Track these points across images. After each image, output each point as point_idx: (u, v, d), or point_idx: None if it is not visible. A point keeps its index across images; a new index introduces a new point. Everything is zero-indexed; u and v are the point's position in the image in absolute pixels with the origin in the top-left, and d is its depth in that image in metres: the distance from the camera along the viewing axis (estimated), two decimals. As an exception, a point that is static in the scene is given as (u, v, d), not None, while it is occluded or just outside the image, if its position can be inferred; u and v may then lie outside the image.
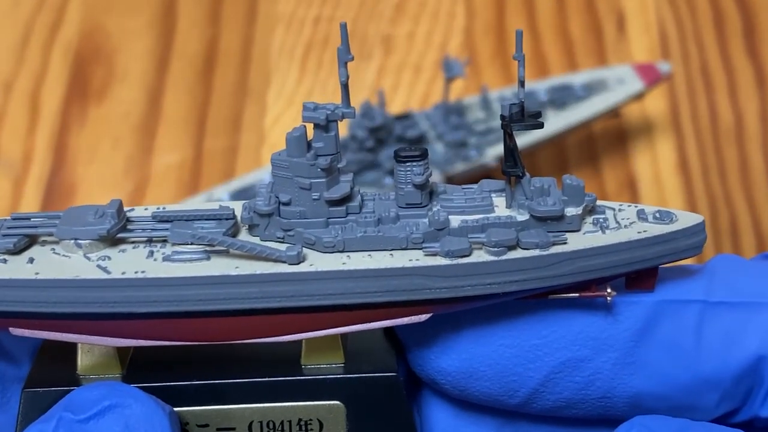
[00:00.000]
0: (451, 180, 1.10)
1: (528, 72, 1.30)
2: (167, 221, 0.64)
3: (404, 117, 1.14)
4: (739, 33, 1.33)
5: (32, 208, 1.19)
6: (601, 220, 0.65)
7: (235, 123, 1.27)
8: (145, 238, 0.65)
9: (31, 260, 0.63)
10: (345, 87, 0.63)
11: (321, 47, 1.33)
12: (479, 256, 0.63)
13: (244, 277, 0.62)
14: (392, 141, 1.10)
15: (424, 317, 0.64)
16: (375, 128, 1.08)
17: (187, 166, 1.23)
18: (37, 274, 0.63)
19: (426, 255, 0.63)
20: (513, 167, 0.64)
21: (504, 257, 0.62)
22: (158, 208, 0.66)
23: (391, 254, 0.63)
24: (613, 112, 1.21)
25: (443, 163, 1.10)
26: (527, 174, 0.65)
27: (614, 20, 1.35)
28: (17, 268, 0.63)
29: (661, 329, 0.68)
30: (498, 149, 1.11)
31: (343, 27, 0.62)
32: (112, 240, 0.64)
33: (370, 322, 0.64)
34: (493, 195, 0.66)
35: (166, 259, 0.63)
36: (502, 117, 0.64)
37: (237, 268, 0.62)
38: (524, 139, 1.14)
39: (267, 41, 1.34)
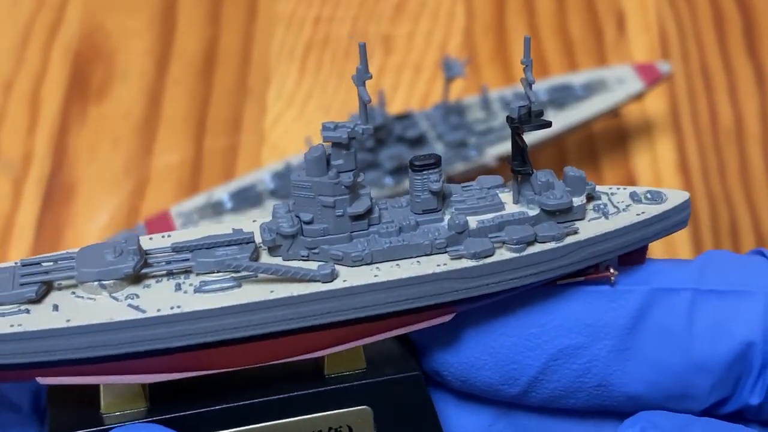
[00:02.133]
0: (451, 180, 1.10)
1: (528, 72, 1.30)
2: (187, 251, 0.64)
3: (404, 117, 1.14)
4: (739, 33, 1.33)
5: (32, 208, 1.19)
6: (601, 206, 0.68)
7: (235, 123, 1.27)
8: (168, 271, 0.64)
9: (56, 307, 0.61)
10: (365, 106, 0.65)
11: (321, 47, 1.33)
12: (502, 254, 0.65)
13: (282, 300, 0.62)
14: (392, 141, 1.10)
15: (448, 317, 0.66)
16: (375, 128, 1.08)
17: (187, 166, 1.23)
18: (68, 321, 0.61)
19: (452, 259, 0.64)
20: (522, 166, 0.68)
21: (525, 253, 0.65)
22: (164, 236, 0.66)
23: (418, 261, 0.64)
24: (613, 112, 1.21)
25: (443, 163, 1.10)
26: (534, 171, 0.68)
27: (614, 20, 1.35)
28: (45, 318, 0.61)
29: (654, 316, 0.70)
30: (498, 149, 1.11)
31: (362, 47, 0.63)
32: (135, 277, 0.63)
33: (399, 328, 0.66)
34: (497, 191, 0.68)
35: (197, 290, 0.62)
36: (511, 119, 0.67)
37: (272, 292, 0.62)
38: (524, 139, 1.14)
39: (267, 41, 1.34)
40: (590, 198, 0.68)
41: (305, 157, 0.64)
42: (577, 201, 0.66)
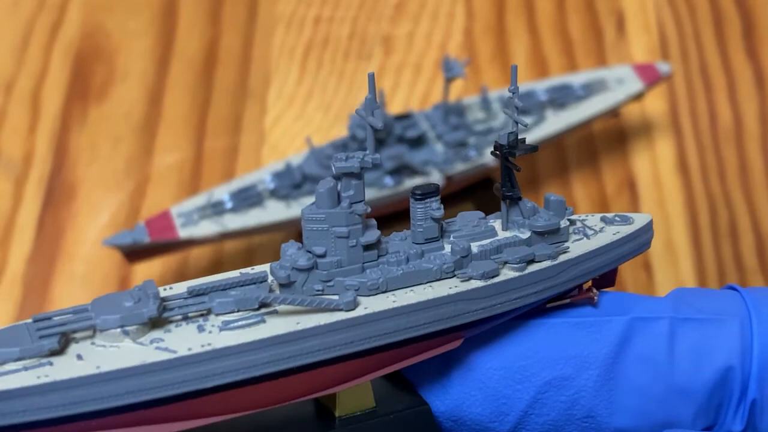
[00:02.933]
0: (451, 180, 1.10)
1: (527, 72, 1.30)
2: (203, 294, 0.64)
3: (404, 117, 1.14)
4: (739, 33, 1.33)
5: (33, 208, 1.19)
6: (579, 229, 0.73)
7: (235, 123, 1.27)
8: (186, 315, 0.63)
9: (80, 357, 0.60)
10: (373, 134, 0.68)
11: (321, 47, 1.33)
12: (506, 274, 0.68)
13: (311, 331, 0.63)
14: (392, 141, 1.10)
15: (458, 343, 0.69)
16: (375, 128, 1.08)
17: (188, 166, 1.24)
18: (98, 367, 0.59)
19: (462, 281, 0.67)
20: (512, 190, 0.72)
21: (526, 272, 0.68)
22: (170, 287, 0.66)
23: (431, 286, 0.67)
24: (613, 112, 1.21)
25: (443, 163, 1.10)
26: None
27: (614, 21, 1.35)
28: (72, 367, 0.59)
29: (635, 345, 0.73)
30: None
31: (371, 77, 0.67)
32: (153, 323, 0.62)
33: (414, 356, 0.68)
34: (485, 221, 0.72)
35: (222, 329, 0.62)
36: (500, 145, 0.71)
37: (298, 323, 0.63)
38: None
39: (267, 41, 1.34)
40: (570, 222, 0.73)
41: (316, 190, 0.66)
42: (563, 223, 0.71)
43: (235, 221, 1.08)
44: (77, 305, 0.62)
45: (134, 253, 1.10)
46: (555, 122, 1.16)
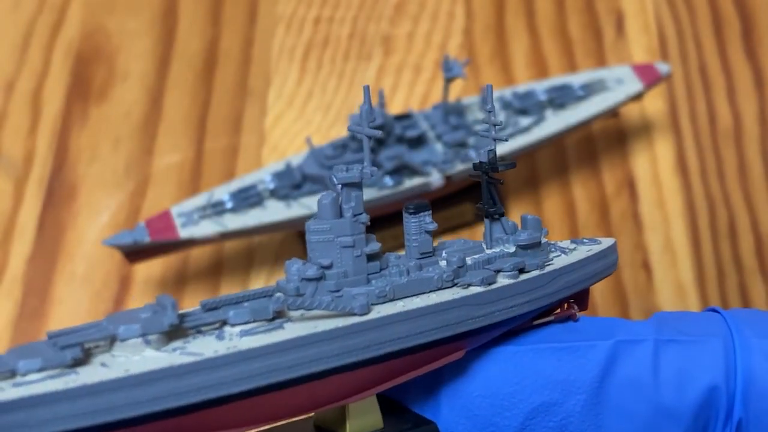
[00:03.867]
0: (450, 180, 1.10)
1: (527, 72, 1.31)
2: (216, 309, 0.64)
3: (404, 117, 1.14)
4: (738, 34, 1.33)
5: (33, 207, 1.19)
6: (556, 247, 0.76)
7: (235, 123, 1.27)
8: (201, 328, 0.63)
9: (105, 365, 0.58)
10: (369, 145, 0.71)
11: (321, 48, 1.34)
12: (501, 281, 0.71)
13: (330, 333, 0.64)
14: (392, 141, 1.10)
15: (461, 354, 0.70)
16: (375, 128, 1.08)
17: (188, 166, 1.24)
18: (127, 371, 0.58)
19: (462, 288, 0.69)
20: (493, 207, 0.74)
21: (519, 279, 0.71)
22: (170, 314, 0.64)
23: (435, 294, 0.69)
24: (612, 113, 1.21)
25: (443, 163, 1.10)
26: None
27: (613, 21, 1.35)
28: (99, 373, 0.57)
29: (620, 367, 0.73)
30: (497, 149, 1.11)
31: (366, 89, 0.70)
32: (171, 334, 0.62)
33: (423, 366, 0.69)
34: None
35: (243, 335, 0.63)
36: (480, 163, 0.74)
37: (316, 327, 0.64)
38: (524, 139, 1.14)
39: (267, 41, 1.35)
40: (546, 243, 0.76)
41: (319, 203, 0.67)
42: (543, 239, 0.73)
43: (235, 221, 1.08)
44: (91, 321, 0.61)
45: (134, 253, 1.10)
46: (555, 122, 1.16)
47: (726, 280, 1.13)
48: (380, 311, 0.66)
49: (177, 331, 0.62)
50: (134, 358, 0.59)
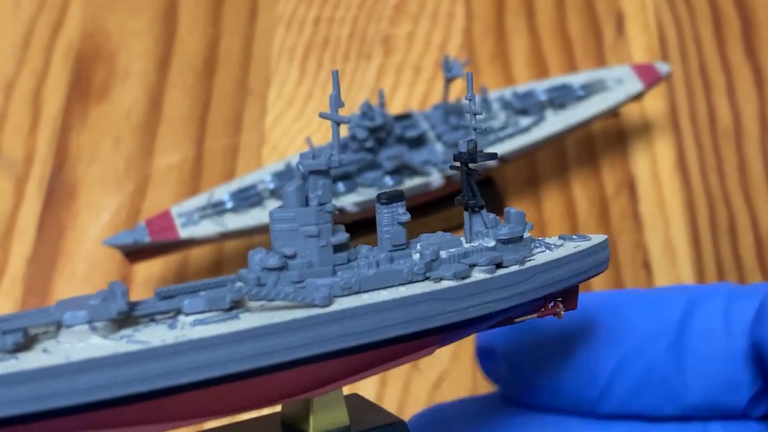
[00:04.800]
0: (450, 180, 1.10)
1: (527, 72, 1.31)
2: (172, 297, 0.62)
3: (404, 117, 1.14)
4: (738, 34, 1.33)
5: (33, 207, 1.19)
6: (541, 242, 0.73)
7: (235, 123, 1.27)
8: (154, 316, 0.61)
9: (47, 351, 0.56)
10: (338, 133, 0.67)
11: (321, 47, 1.33)
12: (476, 276, 0.68)
13: (287, 324, 0.61)
14: (392, 141, 1.10)
15: (431, 350, 0.68)
16: (375, 128, 1.09)
17: (188, 166, 1.24)
18: (68, 357, 0.55)
19: (433, 281, 0.66)
20: (473, 199, 0.71)
21: (496, 274, 0.68)
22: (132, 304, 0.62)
23: (404, 287, 0.66)
24: (612, 112, 1.21)
25: (443, 163, 1.10)
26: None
27: (613, 21, 1.35)
28: (40, 360, 0.55)
29: (696, 318, 0.81)
30: (498, 149, 1.12)
31: (335, 74, 0.65)
32: (121, 322, 0.59)
33: (389, 362, 0.67)
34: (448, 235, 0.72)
35: (196, 324, 0.60)
36: (460, 154, 0.72)
37: (274, 318, 0.61)
38: (524, 139, 1.15)
39: (267, 41, 1.35)
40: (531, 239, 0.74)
41: (283, 190, 0.64)
42: (525, 233, 0.71)
43: (235, 221, 1.08)
44: (41, 307, 0.59)
45: (135, 253, 1.10)
46: (555, 122, 1.16)
47: (725, 278, 1.13)
48: (343, 303, 0.63)
49: (128, 319, 0.60)
50: (79, 344, 0.57)
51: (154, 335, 0.58)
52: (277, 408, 0.68)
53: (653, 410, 0.83)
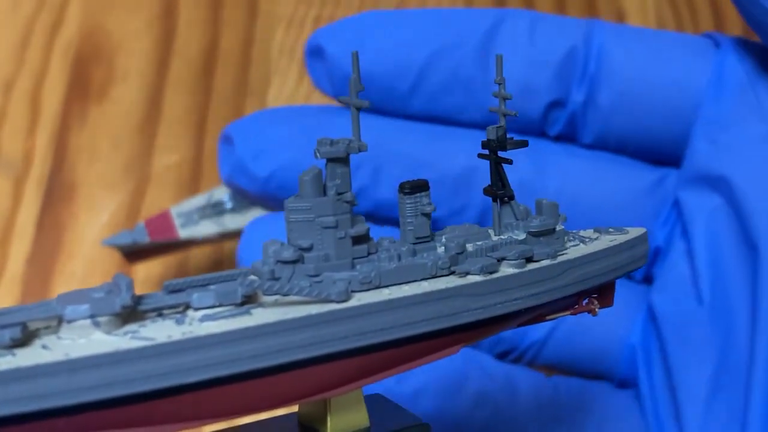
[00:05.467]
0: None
1: (528, 72, 1.30)
2: (181, 291, 0.58)
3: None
4: (738, 33, 1.33)
5: (33, 207, 1.19)
6: (576, 236, 0.69)
7: (235, 123, 1.27)
8: (162, 311, 0.58)
9: (46, 347, 0.53)
10: (358, 119, 0.63)
11: (321, 47, 1.33)
12: (504, 271, 0.63)
13: (300, 321, 0.57)
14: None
15: (456, 350, 0.64)
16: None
17: (187, 166, 1.23)
18: (67, 354, 0.52)
19: (459, 276, 0.62)
20: (502, 189, 0.67)
21: (525, 269, 0.64)
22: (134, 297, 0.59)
23: (427, 282, 0.62)
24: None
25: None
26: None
27: (614, 19, 1.35)
28: (37, 356, 0.52)
29: (504, 32, 0.94)
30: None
31: (355, 56, 0.62)
32: (126, 316, 0.56)
33: (411, 361, 0.63)
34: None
35: (204, 320, 0.56)
36: (489, 141, 0.67)
37: (287, 314, 0.57)
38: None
39: (267, 41, 1.34)
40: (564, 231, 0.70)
41: (300, 179, 0.61)
42: (559, 226, 0.67)
43: (235, 221, 1.07)
44: (42, 300, 0.56)
45: (134, 253, 1.10)
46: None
47: None
48: (362, 299, 0.59)
49: (134, 313, 0.56)
50: (80, 341, 0.53)
51: (160, 331, 0.55)
52: (294, 408, 0.65)
53: (457, 112, 0.92)
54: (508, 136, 0.67)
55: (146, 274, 1.14)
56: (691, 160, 0.94)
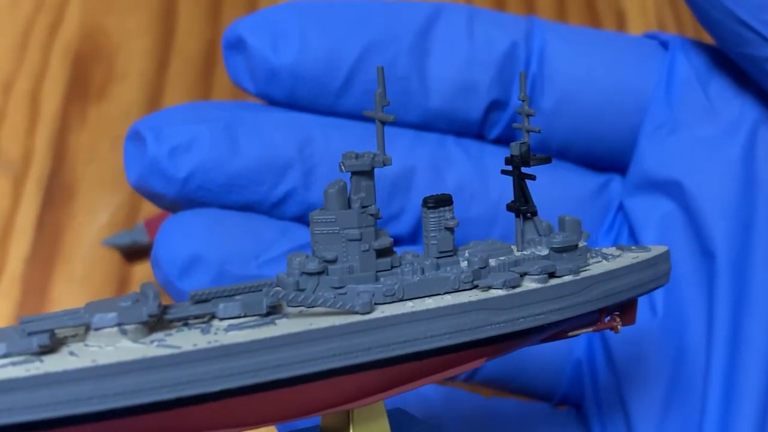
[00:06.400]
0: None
1: (528, 71, 1.30)
2: (206, 301, 0.60)
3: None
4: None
5: (32, 207, 1.19)
6: (597, 253, 0.70)
7: (234, 123, 1.27)
8: (187, 320, 0.59)
9: (73, 353, 0.54)
10: (383, 133, 0.64)
11: (321, 47, 1.33)
12: (527, 285, 0.64)
13: (324, 331, 0.58)
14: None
15: (480, 363, 0.65)
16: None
17: (187, 166, 1.23)
18: (94, 361, 0.53)
19: (482, 291, 0.63)
20: (525, 204, 0.68)
21: (548, 284, 0.64)
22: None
23: (450, 296, 0.63)
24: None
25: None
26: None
27: (614, 20, 1.35)
28: (65, 363, 0.53)
29: (440, 26, 0.89)
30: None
31: (380, 71, 0.63)
32: (153, 325, 0.57)
33: (435, 374, 0.63)
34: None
35: (230, 329, 0.58)
36: (512, 157, 0.68)
37: (312, 324, 0.58)
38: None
39: (267, 41, 1.34)
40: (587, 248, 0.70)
41: (325, 192, 0.62)
42: (581, 242, 0.67)
43: (234, 221, 1.07)
44: (69, 308, 0.58)
45: (134, 253, 1.10)
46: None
47: None
48: (385, 311, 0.60)
49: (161, 323, 0.58)
50: (107, 348, 0.55)
51: (185, 340, 0.56)
52: (317, 420, 0.66)
53: (392, 111, 0.81)
54: (531, 152, 0.68)
55: (145, 275, 1.14)
56: (639, 164, 0.90)
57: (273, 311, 0.60)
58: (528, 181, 0.69)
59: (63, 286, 1.13)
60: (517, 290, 0.64)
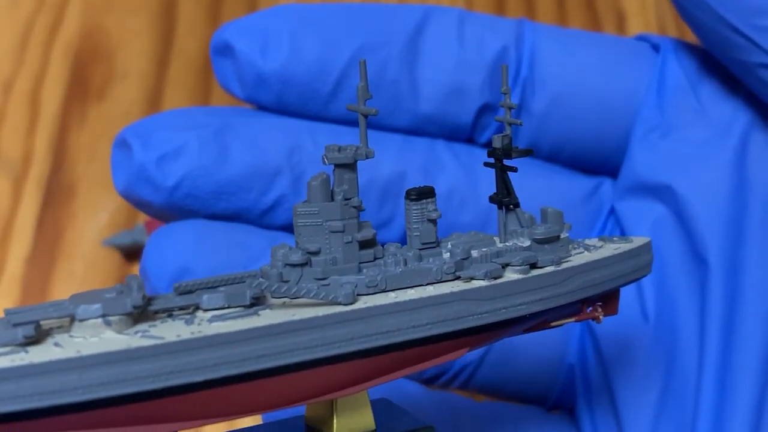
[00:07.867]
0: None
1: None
2: (190, 292, 0.60)
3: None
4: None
5: (32, 207, 1.19)
6: (579, 244, 0.71)
7: (235, 123, 1.27)
8: (172, 312, 0.60)
9: (58, 344, 0.55)
10: (366, 125, 0.65)
11: (321, 47, 1.33)
12: (509, 276, 0.65)
13: (307, 322, 0.59)
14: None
15: (462, 353, 0.65)
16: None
17: (187, 166, 1.23)
18: (79, 352, 0.54)
19: (464, 281, 0.64)
20: (507, 196, 0.69)
21: (530, 275, 0.65)
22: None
23: (433, 287, 0.64)
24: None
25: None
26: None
27: (614, 20, 1.35)
28: (50, 353, 0.54)
29: (430, 28, 0.88)
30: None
31: (363, 65, 0.64)
32: (137, 316, 0.58)
33: (417, 364, 0.64)
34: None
35: (213, 320, 0.58)
36: (494, 150, 0.69)
37: (295, 315, 0.59)
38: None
39: (267, 41, 1.34)
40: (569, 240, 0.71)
41: (308, 184, 0.63)
42: (563, 233, 0.68)
43: (234, 221, 1.07)
44: (55, 300, 0.58)
45: (134, 253, 1.10)
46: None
47: None
48: (368, 302, 0.61)
49: (145, 314, 0.58)
50: (92, 339, 0.55)
51: (170, 331, 0.57)
52: (302, 410, 0.66)
53: (382, 115, 0.85)
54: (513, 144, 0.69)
55: (146, 274, 1.14)
56: (630, 168, 0.90)
57: (257, 302, 0.61)
58: (520, 185, 0.69)
59: (63, 286, 1.13)
60: (499, 281, 0.64)
